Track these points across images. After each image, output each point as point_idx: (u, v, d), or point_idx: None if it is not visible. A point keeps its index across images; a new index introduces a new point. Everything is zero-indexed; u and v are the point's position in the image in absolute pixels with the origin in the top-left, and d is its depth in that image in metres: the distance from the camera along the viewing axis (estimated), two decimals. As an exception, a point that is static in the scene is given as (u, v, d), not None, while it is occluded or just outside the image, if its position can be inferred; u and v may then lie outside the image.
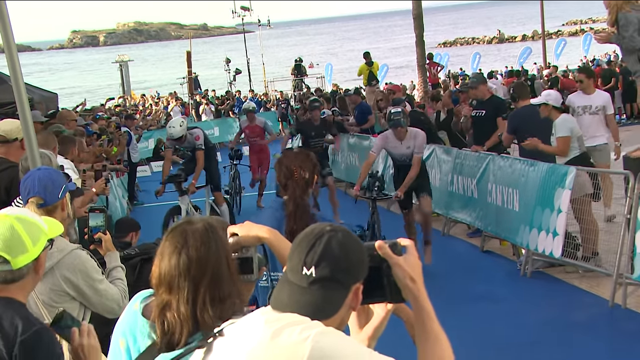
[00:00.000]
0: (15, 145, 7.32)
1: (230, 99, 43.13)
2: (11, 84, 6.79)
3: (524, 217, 11.45)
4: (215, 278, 3.05)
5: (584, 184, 10.77)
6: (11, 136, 7.32)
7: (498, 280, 11.40)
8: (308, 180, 5.60)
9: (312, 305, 2.50)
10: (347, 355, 2.37)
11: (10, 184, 6.86)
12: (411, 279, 2.57)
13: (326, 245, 2.53)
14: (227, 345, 2.55)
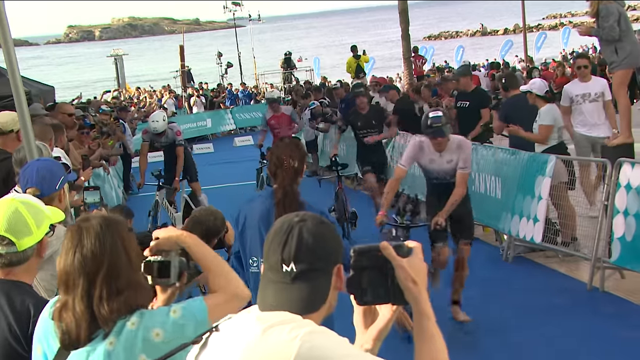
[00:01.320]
0: (11, 137, 7.29)
1: (222, 91, 43.12)
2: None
3: (506, 204, 11.50)
4: (111, 272, 3.05)
5: (561, 172, 10.83)
6: (7, 128, 7.29)
7: (481, 265, 11.39)
8: (297, 169, 5.62)
9: (301, 300, 2.48)
10: (334, 355, 2.34)
11: (7, 175, 6.84)
12: (413, 281, 2.51)
13: (299, 238, 2.50)
14: (221, 341, 2.51)
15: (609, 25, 10.36)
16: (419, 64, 31.15)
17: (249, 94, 42.77)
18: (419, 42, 59.22)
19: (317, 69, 47.06)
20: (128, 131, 22.71)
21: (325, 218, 2.70)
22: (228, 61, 51.38)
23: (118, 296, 3.03)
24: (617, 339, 8.12)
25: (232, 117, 37.29)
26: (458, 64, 38.50)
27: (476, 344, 8.26)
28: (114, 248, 3.09)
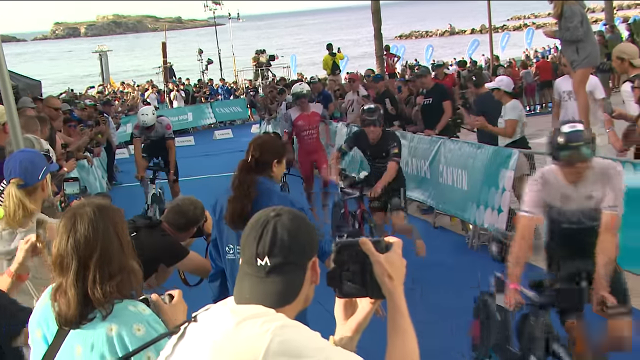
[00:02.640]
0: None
1: (204, 87, 43.03)
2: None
3: (472, 195, 11.54)
4: (103, 257, 3.04)
5: (523, 165, 10.89)
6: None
7: (448, 253, 11.47)
8: (260, 160, 5.53)
9: (275, 293, 2.46)
10: (304, 348, 2.32)
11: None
12: (389, 276, 2.49)
13: (273, 232, 2.47)
14: (198, 331, 2.50)
15: (573, 25, 10.41)
16: (391, 62, 31.18)
17: (228, 89, 42.69)
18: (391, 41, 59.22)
19: (293, 66, 46.94)
20: (112, 124, 22.66)
21: (301, 212, 2.67)
22: (208, 58, 51.32)
23: (110, 280, 3.03)
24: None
25: (213, 111, 37.21)
26: (428, 62, 38.51)
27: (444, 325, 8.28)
28: (106, 233, 3.08)
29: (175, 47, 63.62)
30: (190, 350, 2.48)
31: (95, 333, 2.97)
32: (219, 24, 57.95)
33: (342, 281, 2.53)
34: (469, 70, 27.63)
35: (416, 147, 13.85)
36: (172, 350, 2.55)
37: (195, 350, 2.45)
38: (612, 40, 25.18)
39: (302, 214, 2.63)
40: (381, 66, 28.29)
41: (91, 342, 2.97)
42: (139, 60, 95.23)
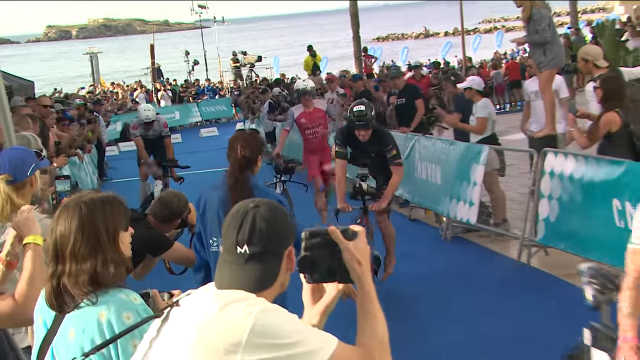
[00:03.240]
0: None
1: (191, 86, 42.98)
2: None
3: (445, 189, 11.58)
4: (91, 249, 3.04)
5: (493, 160, 10.95)
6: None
7: (423, 244, 11.51)
8: (249, 157, 5.62)
9: (253, 279, 2.50)
10: (284, 330, 2.36)
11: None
12: (358, 262, 2.54)
13: (252, 223, 2.52)
14: (181, 315, 2.52)
15: (541, 28, 10.46)
16: (369, 63, 31.22)
17: (214, 89, 42.70)
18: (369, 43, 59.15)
19: (276, 67, 46.95)
20: (102, 123, 22.63)
21: (279, 204, 2.71)
22: (195, 59, 51.21)
23: (86, 268, 3.02)
24: (541, 307, 8.25)
25: (199, 110, 37.20)
26: (404, 63, 38.59)
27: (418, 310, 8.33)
28: (91, 228, 3.07)
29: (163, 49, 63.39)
30: (174, 332, 2.49)
31: (88, 318, 2.97)
32: (205, 27, 57.85)
33: (312, 268, 2.58)
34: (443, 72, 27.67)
35: (392, 143, 13.87)
36: (157, 334, 2.56)
37: (179, 333, 2.47)
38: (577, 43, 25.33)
39: (279, 205, 2.67)
40: (359, 67, 28.32)
41: (83, 326, 2.97)
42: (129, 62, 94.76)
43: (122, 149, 28.51)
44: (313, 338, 2.39)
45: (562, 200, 9.13)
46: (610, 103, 8.26)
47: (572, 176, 8.97)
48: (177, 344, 2.45)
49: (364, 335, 2.50)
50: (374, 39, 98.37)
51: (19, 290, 3.54)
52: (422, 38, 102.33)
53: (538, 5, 10.63)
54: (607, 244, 8.35)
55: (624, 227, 8.05)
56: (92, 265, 3.02)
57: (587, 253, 8.78)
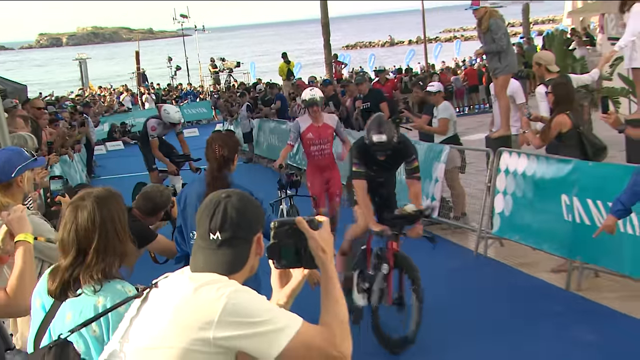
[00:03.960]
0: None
1: (173, 90, 42.89)
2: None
3: (408, 185, 11.61)
4: (99, 244, 3.04)
5: (455, 159, 10.99)
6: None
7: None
8: (227, 157, 5.63)
9: (225, 263, 2.53)
10: (254, 310, 2.39)
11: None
12: (322, 250, 2.57)
13: (224, 211, 2.55)
14: (159, 296, 2.54)
15: (498, 37, 10.53)
16: (339, 69, 31.28)
17: (194, 92, 42.64)
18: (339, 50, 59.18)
19: (253, 72, 46.87)
20: (91, 124, 22.53)
21: (249, 194, 2.72)
22: (177, 65, 51.16)
23: (104, 263, 3.02)
24: (496, 293, 8.32)
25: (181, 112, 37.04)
26: (371, 69, 38.68)
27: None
28: (103, 224, 3.07)
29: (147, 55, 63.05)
30: (153, 311, 2.51)
31: (86, 303, 2.97)
32: (187, 34, 57.62)
33: (280, 254, 2.61)
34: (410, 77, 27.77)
35: (360, 143, 13.87)
36: (137, 312, 2.58)
37: (157, 312, 2.49)
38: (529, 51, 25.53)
39: (249, 195, 2.70)
40: (330, 72, 28.29)
41: (80, 309, 2.96)
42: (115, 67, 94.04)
43: (109, 149, 28.51)
44: (280, 317, 2.43)
45: (516, 195, 9.19)
46: (561, 106, 8.36)
47: (524, 173, 9.03)
48: (155, 322, 2.47)
49: (327, 316, 2.53)
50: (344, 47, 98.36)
51: (10, 284, 3.53)
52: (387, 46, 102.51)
53: (495, 16, 10.70)
54: (557, 236, 8.43)
55: (571, 221, 8.13)
56: (112, 260, 3.05)
57: (539, 244, 8.86)
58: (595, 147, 8.33)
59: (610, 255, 7.58)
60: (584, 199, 7.96)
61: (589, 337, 6.84)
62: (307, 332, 2.42)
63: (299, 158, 17.23)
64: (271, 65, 49.54)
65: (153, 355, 2.42)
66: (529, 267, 9.07)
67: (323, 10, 27.53)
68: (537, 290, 8.29)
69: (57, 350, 2.45)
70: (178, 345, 2.38)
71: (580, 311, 7.50)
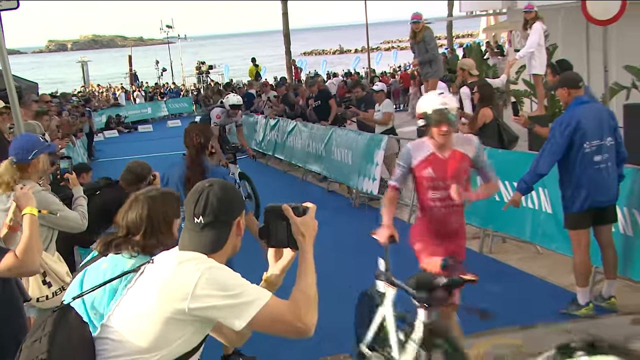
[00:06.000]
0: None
1: (159, 88, 42.69)
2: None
3: (354, 168, 11.64)
4: (150, 229, 3.02)
5: (392, 146, 11.04)
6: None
7: (337, 209, 11.55)
8: (203, 144, 5.60)
9: (207, 243, 2.47)
10: (227, 284, 2.32)
11: None
12: (302, 234, 2.51)
13: (206, 199, 2.48)
14: (152, 270, 2.49)
15: (431, 47, 10.62)
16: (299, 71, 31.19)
17: (177, 90, 42.36)
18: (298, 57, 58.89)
19: (226, 74, 46.51)
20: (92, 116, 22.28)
21: (230, 183, 2.66)
22: (163, 67, 50.62)
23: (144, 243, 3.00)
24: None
25: (166, 106, 36.68)
26: (323, 72, 38.60)
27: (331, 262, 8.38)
28: (156, 215, 3.04)
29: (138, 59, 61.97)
30: (145, 283, 2.47)
31: (121, 260, 2.93)
32: (171, 42, 56.89)
33: (269, 235, 2.57)
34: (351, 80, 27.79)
35: (315, 133, 13.87)
36: (133, 283, 2.53)
37: (148, 283, 2.45)
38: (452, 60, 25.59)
39: (230, 184, 2.64)
40: (290, 75, 28.25)
41: (115, 263, 2.93)
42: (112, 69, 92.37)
43: (106, 136, 28.27)
44: (251, 292, 2.35)
45: (441, 176, 9.26)
46: (485, 102, 8.50)
47: (448, 159, 9.09)
48: (145, 293, 2.43)
49: (297, 292, 2.46)
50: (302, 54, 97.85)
51: (19, 249, 3.52)
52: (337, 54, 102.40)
53: (428, 30, 10.77)
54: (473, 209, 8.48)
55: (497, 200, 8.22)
56: (153, 244, 2.99)
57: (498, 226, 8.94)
58: (510, 136, 8.51)
59: (515, 224, 7.71)
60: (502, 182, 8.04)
61: (497, 289, 6.95)
62: (275, 305, 2.34)
63: (264, 145, 17.16)
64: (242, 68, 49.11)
65: (142, 320, 2.37)
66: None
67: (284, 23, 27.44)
68: (457, 253, 8.37)
69: (58, 315, 2.36)
70: (161, 314, 2.33)
71: (491, 270, 7.62)
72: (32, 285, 4.61)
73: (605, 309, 6.11)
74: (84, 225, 4.98)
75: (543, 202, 7.25)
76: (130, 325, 2.38)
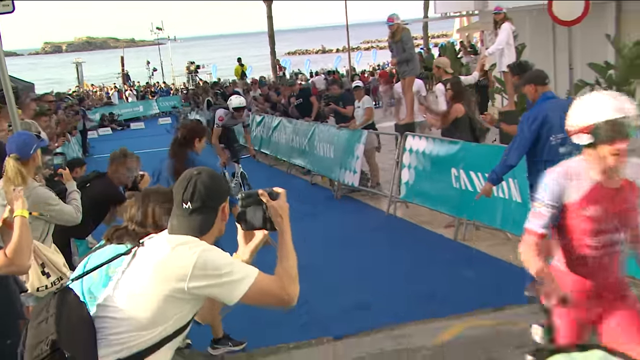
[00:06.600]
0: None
1: (150, 87, 42.43)
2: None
3: (336, 161, 11.64)
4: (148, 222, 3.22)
5: (372, 141, 11.05)
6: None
7: (320, 201, 11.55)
8: (186, 139, 5.64)
9: (195, 227, 2.51)
10: (220, 264, 2.39)
11: None
12: (280, 216, 2.58)
13: (194, 185, 2.52)
14: (144, 253, 2.52)
15: (408, 47, 10.64)
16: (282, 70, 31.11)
17: (167, 89, 42.13)
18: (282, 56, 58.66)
19: (214, 73, 46.29)
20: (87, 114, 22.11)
21: (217, 172, 2.70)
22: (154, 67, 50.31)
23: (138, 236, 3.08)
24: (403, 244, 8.43)
25: (157, 104, 36.47)
26: (307, 71, 38.54)
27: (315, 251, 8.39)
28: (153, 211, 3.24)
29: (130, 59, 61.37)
30: (139, 265, 2.49)
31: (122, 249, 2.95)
32: (161, 43, 56.50)
33: (247, 219, 2.61)
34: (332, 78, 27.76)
35: (299, 129, 13.86)
36: (127, 266, 2.56)
37: (143, 266, 2.47)
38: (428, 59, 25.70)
39: (217, 173, 2.67)
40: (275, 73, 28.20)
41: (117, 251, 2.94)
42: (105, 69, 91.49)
43: (100, 133, 28.05)
44: (241, 269, 2.44)
45: (418, 169, 9.30)
46: (457, 98, 8.53)
47: (424, 152, 9.14)
48: (140, 274, 2.45)
49: (280, 268, 2.53)
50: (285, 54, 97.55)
51: (9, 248, 3.54)
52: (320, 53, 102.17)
53: (405, 31, 10.78)
54: (448, 199, 8.58)
55: (459, 188, 8.29)
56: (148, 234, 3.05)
57: (435, 206, 9.00)
58: (480, 130, 8.58)
59: (486, 213, 7.76)
60: (468, 171, 8.12)
61: (470, 274, 7.01)
62: (263, 280, 2.44)
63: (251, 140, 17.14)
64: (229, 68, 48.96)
65: (139, 299, 2.41)
66: (427, 223, 9.21)
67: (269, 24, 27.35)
68: (434, 241, 8.44)
69: (60, 296, 2.41)
70: (159, 293, 2.38)
71: (465, 256, 7.67)
72: (32, 276, 4.59)
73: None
74: (78, 218, 4.97)
75: (513, 192, 7.30)
76: (131, 304, 2.42)
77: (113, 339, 2.39)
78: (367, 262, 7.81)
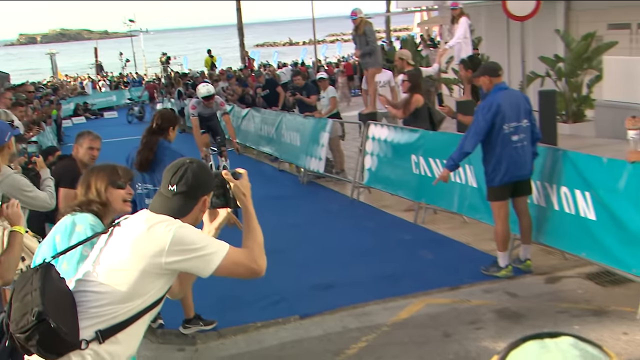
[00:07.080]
0: None
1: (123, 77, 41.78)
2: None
3: (302, 149, 11.62)
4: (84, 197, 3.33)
5: (336, 129, 11.05)
6: None
7: (286, 186, 11.55)
8: (160, 126, 5.49)
9: (174, 208, 2.53)
10: (194, 239, 2.43)
11: None
12: (243, 194, 2.63)
13: (184, 172, 2.55)
14: (121, 232, 2.52)
15: (371, 40, 10.62)
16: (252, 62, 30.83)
17: (139, 79, 41.55)
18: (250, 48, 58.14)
19: (185, 64, 45.74)
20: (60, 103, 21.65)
21: (206, 165, 2.73)
22: (127, 58, 49.50)
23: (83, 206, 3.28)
24: (366, 227, 8.46)
25: (130, 93, 35.98)
26: (275, 62, 38.31)
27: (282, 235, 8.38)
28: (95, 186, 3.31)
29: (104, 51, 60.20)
30: (116, 244, 2.51)
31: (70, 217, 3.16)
32: (134, 35, 55.64)
33: (212, 199, 2.65)
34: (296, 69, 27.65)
35: (267, 118, 13.79)
36: (105, 244, 2.56)
37: (120, 245, 2.49)
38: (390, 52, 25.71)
39: (207, 166, 2.71)
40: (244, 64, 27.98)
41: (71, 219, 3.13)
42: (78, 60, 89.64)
43: (74, 122, 27.56)
44: (213, 244, 2.49)
45: (380, 156, 9.34)
46: (416, 89, 8.56)
47: (386, 140, 9.17)
48: (118, 251, 2.47)
49: (247, 241, 2.59)
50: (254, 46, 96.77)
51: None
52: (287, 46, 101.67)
53: (368, 24, 10.75)
54: (408, 185, 8.64)
55: (418, 173, 8.34)
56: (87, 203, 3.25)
57: (395, 191, 9.06)
58: (438, 118, 8.66)
59: (444, 198, 7.83)
60: (427, 157, 8.17)
61: (429, 255, 7.08)
62: (234, 253, 2.49)
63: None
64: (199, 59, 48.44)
65: (117, 274, 2.43)
66: (388, 207, 9.27)
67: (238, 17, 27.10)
68: (395, 224, 8.49)
69: (42, 272, 2.39)
70: (136, 268, 2.41)
71: (424, 238, 7.74)
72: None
73: (522, 270, 6.28)
74: (52, 204, 4.88)
75: (469, 178, 7.38)
76: (110, 279, 2.44)
77: (94, 311, 2.41)
78: (332, 244, 7.83)
